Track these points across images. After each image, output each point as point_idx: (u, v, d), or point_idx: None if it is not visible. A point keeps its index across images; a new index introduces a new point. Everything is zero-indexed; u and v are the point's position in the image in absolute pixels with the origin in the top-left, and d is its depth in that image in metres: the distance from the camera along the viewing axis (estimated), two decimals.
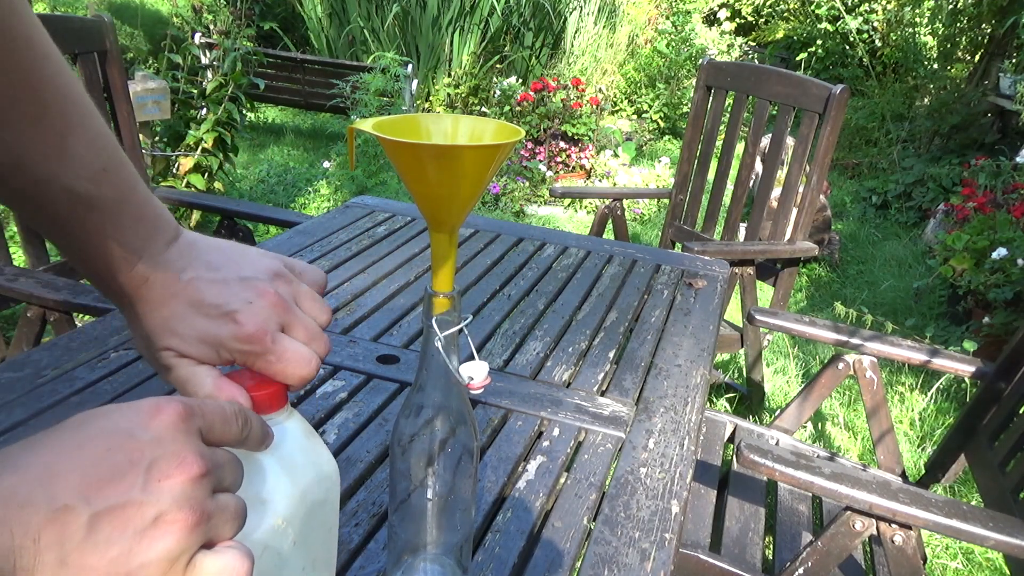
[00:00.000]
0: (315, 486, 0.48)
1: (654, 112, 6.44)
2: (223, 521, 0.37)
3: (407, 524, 0.63)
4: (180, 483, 0.35)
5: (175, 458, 0.36)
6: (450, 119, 0.60)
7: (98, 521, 0.33)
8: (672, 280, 1.51)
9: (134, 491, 0.34)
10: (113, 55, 1.81)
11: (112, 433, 0.35)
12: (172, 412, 0.37)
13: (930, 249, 3.97)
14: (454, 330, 0.56)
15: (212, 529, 0.37)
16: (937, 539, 2.00)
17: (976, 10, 5.33)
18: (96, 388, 0.95)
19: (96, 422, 0.36)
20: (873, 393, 1.59)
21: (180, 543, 0.35)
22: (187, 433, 0.37)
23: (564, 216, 4.47)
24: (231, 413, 0.41)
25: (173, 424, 0.37)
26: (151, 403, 0.37)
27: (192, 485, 0.36)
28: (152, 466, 0.35)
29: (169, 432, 0.36)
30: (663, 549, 0.77)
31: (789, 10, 8.13)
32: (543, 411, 1.00)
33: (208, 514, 0.36)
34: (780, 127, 2.20)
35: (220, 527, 0.37)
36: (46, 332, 1.46)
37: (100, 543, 0.33)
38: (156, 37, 5.64)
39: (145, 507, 0.34)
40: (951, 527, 1.03)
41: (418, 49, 6.18)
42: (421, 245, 1.56)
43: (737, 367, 2.82)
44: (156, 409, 0.37)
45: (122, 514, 0.33)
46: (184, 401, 0.38)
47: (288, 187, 4.33)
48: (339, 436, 0.91)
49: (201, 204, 2.43)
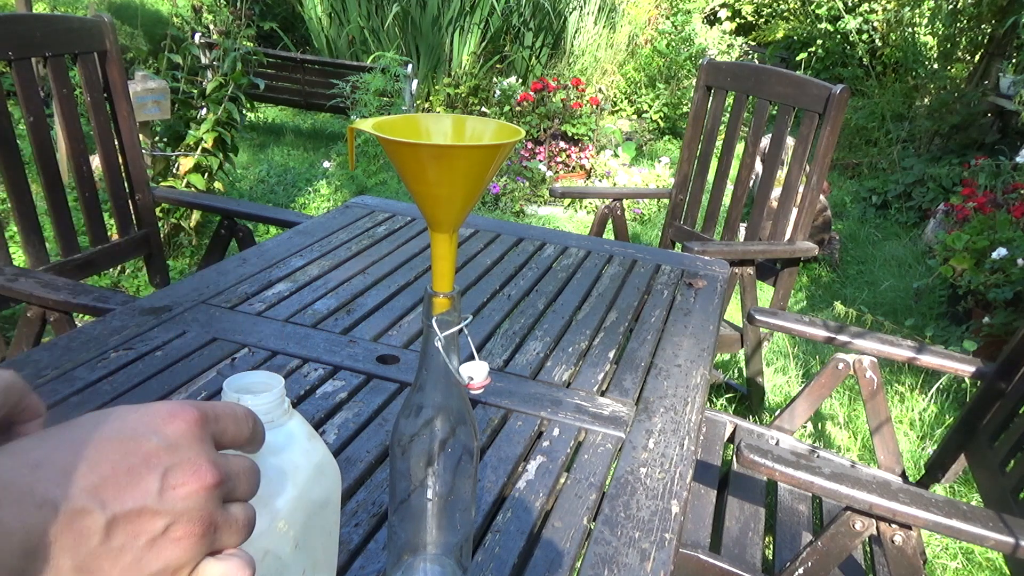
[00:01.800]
0: (316, 487, 0.48)
1: (654, 112, 6.43)
2: (231, 532, 0.37)
3: (407, 524, 0.63)
4: (194, 492, 0.35)
5: (190, 466, 0.35)
6: (450, 119, 0.60)
7: (114, 527, 0.33)
8: (672, 280, 1.51)
9: (149, 498, 0.34)
10: (113, 55, 1.81)
11: (129, 436, 0.35)
12: (188, 418, 0.37)
13: (930, 249, 3.97)
14: (454, 330, 0.56)
15: (219, 540, 0.36)
16: (937, 539, 2.00)
17: (976, 10, 5.32)
18: (96, 388, 0.94)
19: (112, 423, 0.35)
20: (873, 393, 1.59)
21: (187, 554, 0.35)
22: (202, 440, 0.37)
23: (564, 216, 4.47)
24: (242, 415, 0.41)
25: (189, 430, 0.36)
26: (167, 408, 0.37)
27: (205, 495, 0.35)
28: (168, 473, 0.35)
29: (185, 439, 0.36)
30: (663, 549, 0.77)
31: (789, 10, 8.13)
32: (543, 411, 1.00)
33: (216, 525, 0.36)
34: (780, 127, 2.19)
35: (227, 537, 0.37)
36: (46, 332, 1.46)
37: (114, 550, 0.33)
38: (156, 37, 5.64)
39: (159, 516, 0.34)
40: (951, 527, 1.03)
41: (418, 49, 6.18)
42: (421, 245, 1.56)
43: (737, 367, 2.82)
44: (172, 414, 0.36)
45: (137, 520, 0.33)
46: (199, 406, 0.38)
47: (288, 187, 4.33)
48: (339, 436, 0.91)
49: (201, 204, 2.43)
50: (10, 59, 1.58)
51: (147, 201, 1.95)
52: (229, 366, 1.03)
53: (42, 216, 1.72)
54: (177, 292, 1.23)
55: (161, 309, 1.16)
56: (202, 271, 1.32)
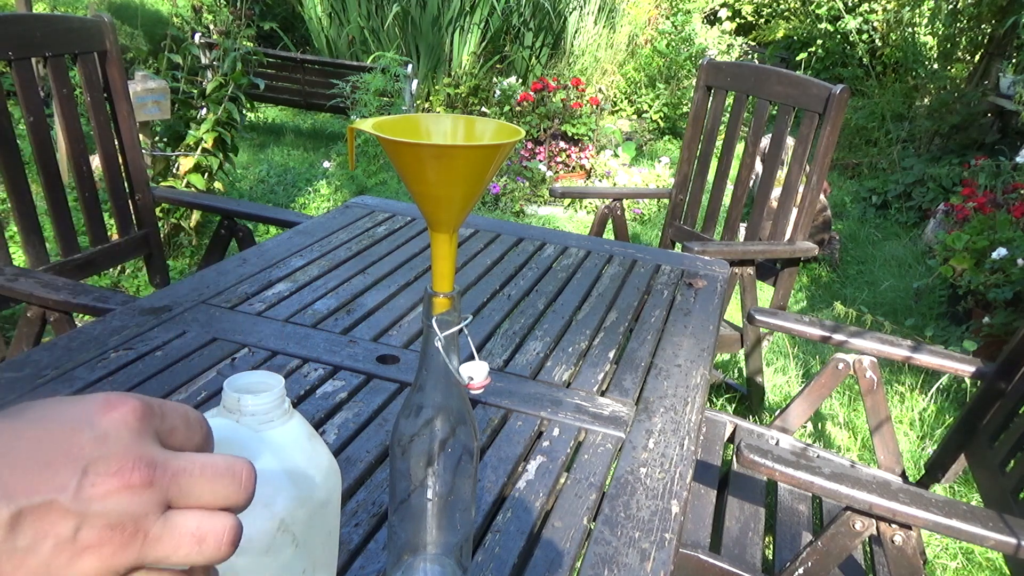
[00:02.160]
0: (316, 487, 0.48)
1: (654, 112, 6.43)
2: (172, 547, 0.31)
3: (407, 524, 0.63)
4: (115, 492, 0.30)
5: (116, 461, 0.30)
6: (450, 119, 0.60)
7: (19, 522, 0.28)
8: (672, 280, 1.51)
9: (63, 494, 0.29)
10: (113, 55, 1.81)
11: (54, 424, 0.31)
12: (127, 409, 0.32)
13: (930, 249, 3.97)
14: (454, 330, 0.56)
15: (152, 552, 0.31)
16: (937, 539, 2.00)
17: (976, 10, 5.32)
18: (96, 388, 0.94)
19: (39, 410, 0.31)
20: (873, 393, 1.59)
21: (103, 566, 0.30)
22: (139, 434, 0.32)
23: (564, 216, 4.47)
24: (194, 418, 0.36)
25: (125, 422, 0.32)
26: (105, 396, 0.32)
27: (129, 496, 0.30)
28: (90, 467, 0.30)
29: (118, 431, 0.31)
30: (663, 549, 0.77)
31: (789, 10, 8.13)
32: (543, 411, 1.00)
33: (146, 535, 0.30)
34: (780, 127, 2.19)
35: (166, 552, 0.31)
36: (46, 332, 1.46)
37: (19, 550, 0.28)
38: (156, 37, 5.64)
39: (69, 516, 0.29)
40: (951, 527, 1.03)
41: (418, 49, 6.18)
42: (421, 245, 1.56)
43: (737, 367, 2.82)
44: (108, 403, 0.32)
45: (45, 518, 0.29)
46: (144, 399, 0.33)
47: (288, 187, 4.33)
48: (339, 436, 0.91)
49: (201, 204, 2.43)
50: (10, 59, 1.58)
51: (147, 201, 1.95)
52: (229, 366, 1.03)
53: (42, 216, 1.72)
54: (177, 292, 1.23)
55: (161, 309, 1.16)
56: (202, 271, 1.32)
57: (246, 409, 0.45)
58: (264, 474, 0.45)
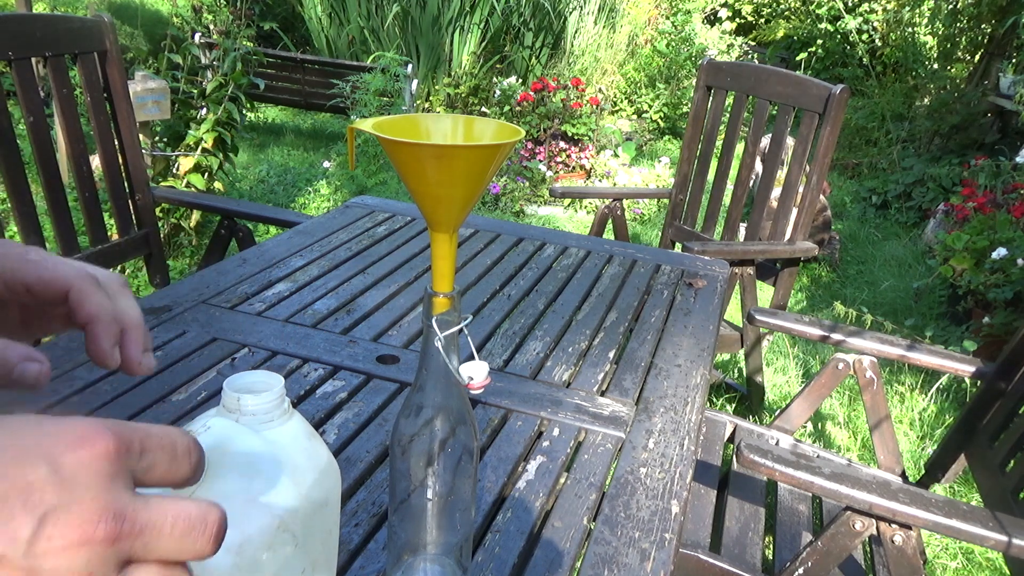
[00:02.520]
0: (316, 487, 0.48)
1: (654, 112, 6.43)
2: None
3: (407, 524, 0.63)
4: (73, 547, 0.27)
5: (78, 512, 0.27)
6: (450, 119, 0.60)
7: None
8: (672, 280, 1.51)
9: (14, 547, 0.26)
10: (113, 55, 1.81)
11: (15, 456, 0.28)
12: (99, 448, 0.29)
13: (930, 249, 3.97)
14: (454, 330, 0.56)
15: None
16: (937, 539, 2.00)
17: (976, 10, 5.33)
18: (96, 388, 0.95)
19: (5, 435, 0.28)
20: (873, 393, 1.59)
21: None
22: (110, 479, 0.29)
23: (564, 216, 4.47)
24: (183, 449, 0.32)
25: (95, 464, 0.29)
26: (81, 428, 0.29)
27: (88, 553, 0.27)
28: (48, 517, 0.27)
29: (86, 474, 0.28)
30: (663, 549, 0.77)
31: (789, 10, 8.13)
32: (543, 411, 1.00)
33: None
34: (780, 127, 2.19)
35: None
36: None
37: None
38: (156, 37, 5.64)
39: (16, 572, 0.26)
40: (951, 527, 1.03)
41: (418, 49, 6.18)
42: (421, 245, 1.56)
43: (737, 367, 2.82)
44: (79, 439, 0.29)
45: None
46: (124, 433, 0.30)
47: (288, 187, 4.33)
48: (339, 436, 0.91)
49: (201, 204, 2.43)
50: (10, 59, 1.58)
51: (147, 201, 1.95)
52: (229, 366, 1.03)
53: (42, 216, 1.72)
54: (177, 292, 1.23)
55: (161, 309, 1.16)
56: (202, 271, 1.32)
57: (246, 409, 0.45)
58: (264, 474, 0.45)
